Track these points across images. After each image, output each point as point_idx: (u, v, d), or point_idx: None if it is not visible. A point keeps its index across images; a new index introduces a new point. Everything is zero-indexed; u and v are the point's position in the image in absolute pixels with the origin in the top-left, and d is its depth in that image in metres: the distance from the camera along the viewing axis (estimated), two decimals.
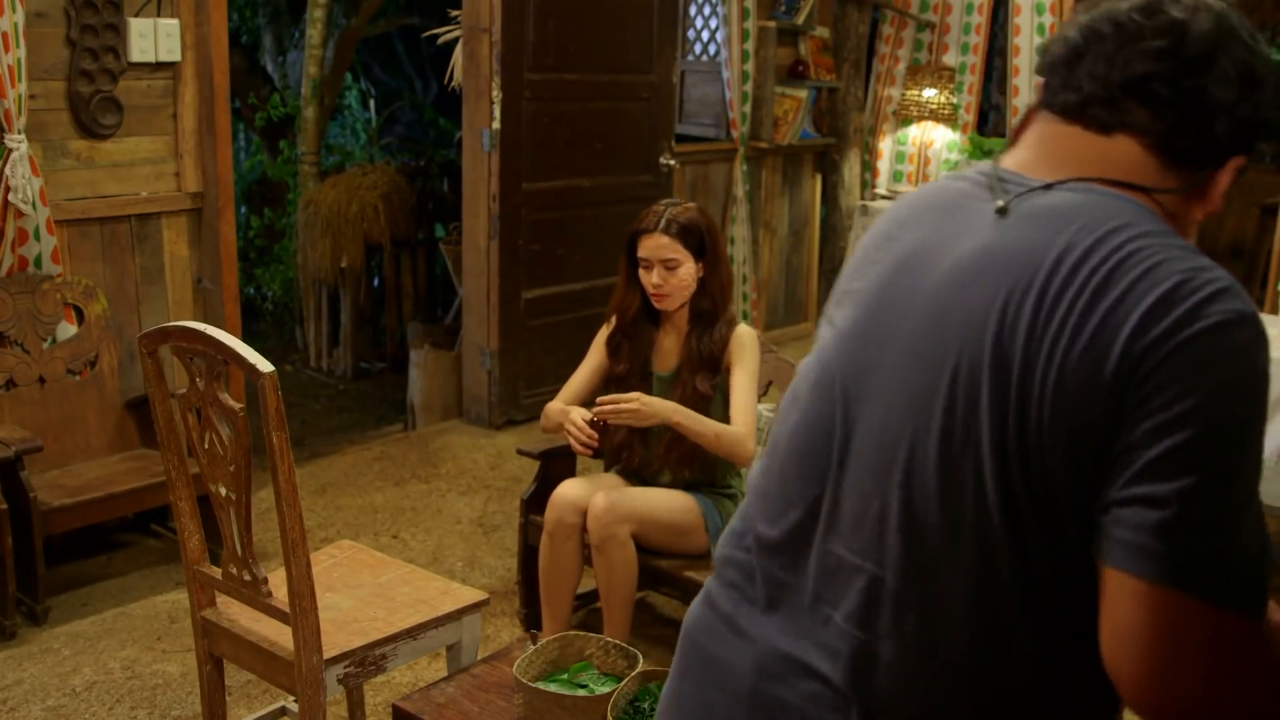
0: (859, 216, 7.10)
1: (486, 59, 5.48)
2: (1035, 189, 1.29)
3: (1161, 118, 1.27)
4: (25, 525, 3.74)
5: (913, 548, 1.27)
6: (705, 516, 3.46)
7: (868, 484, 1.31)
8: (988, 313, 1.23)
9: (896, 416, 1.29)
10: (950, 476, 1.24)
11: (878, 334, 1.35)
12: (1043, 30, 6.65)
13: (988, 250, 1.27)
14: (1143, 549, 1.13)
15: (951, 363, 1.24)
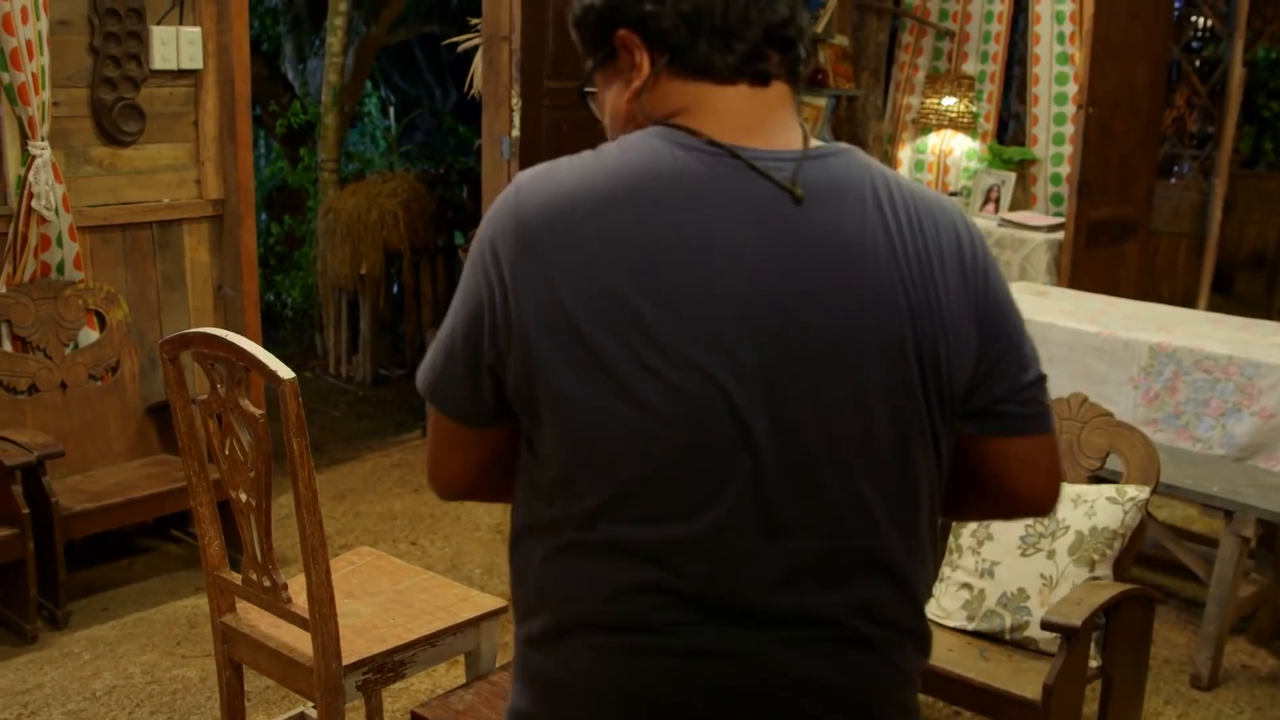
0: None
1: (506, 67, 5.49)
2: (795, 161, 1.33)
3: (794, 58, 1.38)
4: (47, 530, 3.76)
5: (882, 515, 1.34)
6: None
7: (815, 474, 1.31)
8: (876, 289, 1.30)
9: (826, 409, 1.30)
10: (903, 443, 1.34)
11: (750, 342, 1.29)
12: (1063, 39, 6.63)
13: (821, 236, 1.31)
14: (1046, 411, 1.46)
15: (870, 343, 1.30)
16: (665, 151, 1.32)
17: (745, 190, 1.30)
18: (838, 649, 1.34)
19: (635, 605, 1.31)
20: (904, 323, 1.31)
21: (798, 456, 1.29)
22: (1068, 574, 3.07)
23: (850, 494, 1.32)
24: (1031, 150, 6.87)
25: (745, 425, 1.27)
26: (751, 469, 1.28)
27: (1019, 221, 6.48)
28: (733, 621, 1.31)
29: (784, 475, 1.29)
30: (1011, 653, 3.09)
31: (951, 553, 3.29)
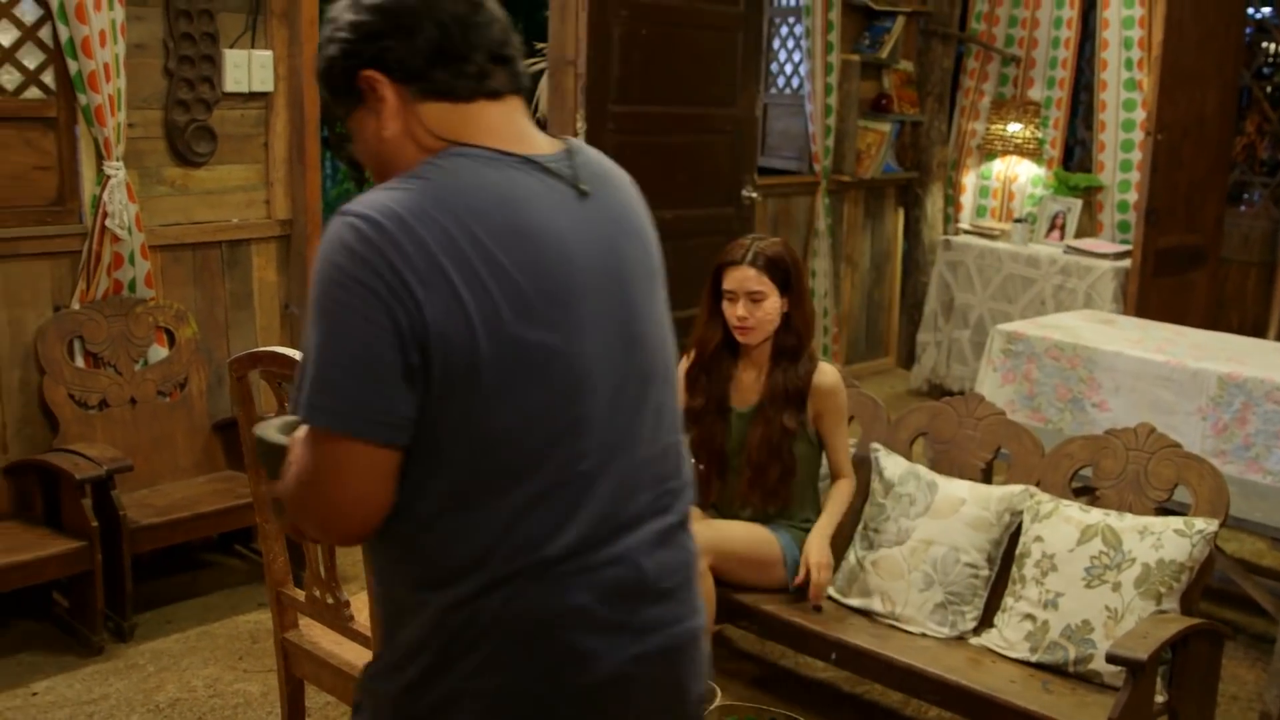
0: (942, 251, 7.05)
1: (572, 91, 5.52)
2: (566, 161, 1.61)
3: (515, 73, 1.61)
4: (115, 543, 3.82)
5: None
6: (784, 550, 3.44)
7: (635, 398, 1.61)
8: (651, 251, 1.74)
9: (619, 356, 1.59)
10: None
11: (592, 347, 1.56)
12: (1131, 65, 6.58)
13: (609, 219, 1.64)
14: None
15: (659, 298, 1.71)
16: (479, 166, 1.51)
17: (548, 188, 1.55)
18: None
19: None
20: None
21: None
22: (1133, 607, 3.03)
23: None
24: (1098, 177, 6.81)
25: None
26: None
27: (1085, 249, 6.42)
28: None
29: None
30: (1075, 686, 3.05)
31: (1014, 583, 3.26)
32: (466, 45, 1.55)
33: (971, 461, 3.58)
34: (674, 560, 1.66)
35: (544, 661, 1.52)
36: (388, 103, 1.54)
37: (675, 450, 1.69)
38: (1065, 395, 4.76)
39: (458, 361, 1.43)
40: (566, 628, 1.52)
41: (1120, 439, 3.37)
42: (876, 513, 3.51)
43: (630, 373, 1.59)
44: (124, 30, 4.01)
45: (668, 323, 1.71)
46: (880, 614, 3.39)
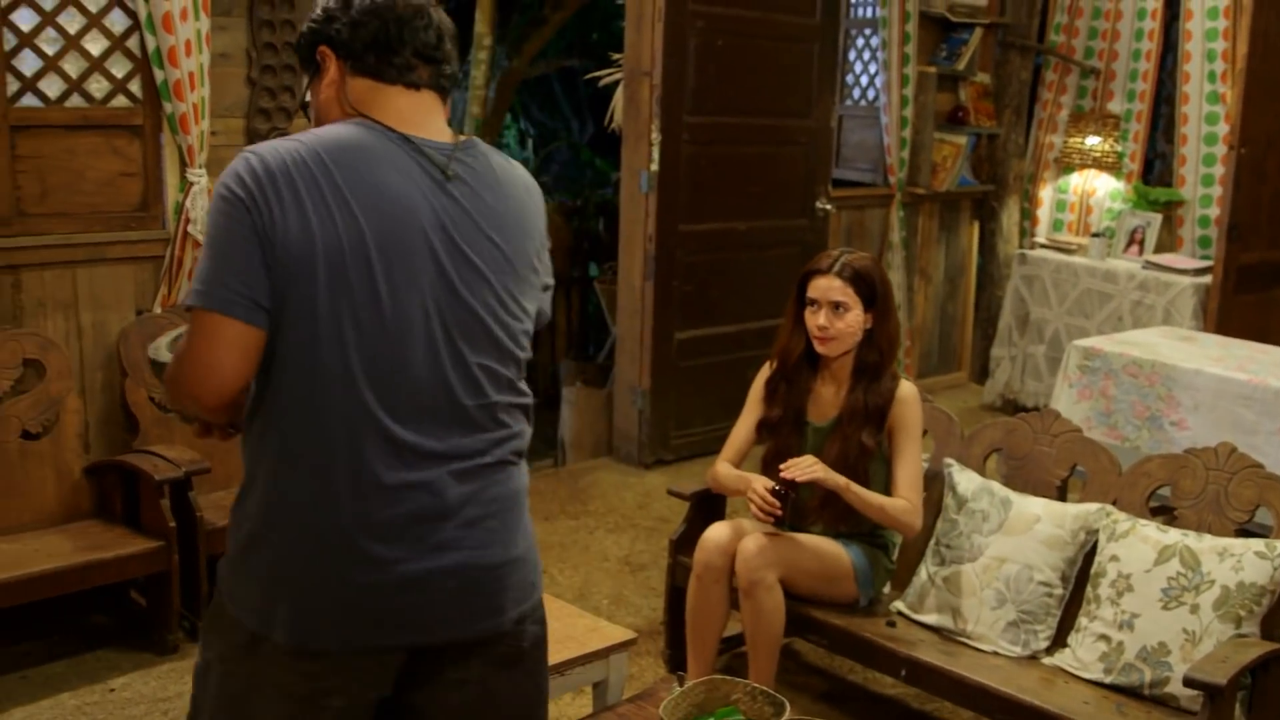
0: (1017, 265, 6.97)
1: (647, 102, 5.54)
2: (448, 152, 1.91)
3: (439, 74, 1.96)
4: (191, 543, 3.88)
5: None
6: (855, 565, 3.42)
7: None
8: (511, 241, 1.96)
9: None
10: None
11: (422, 291, 1.85)
12: (1214, 77, 6.47)
13: (463, 207, 1.89)
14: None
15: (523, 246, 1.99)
16: (364, 133, 1.86)
17: (415, 164, 1.87)
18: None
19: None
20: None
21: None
22: (1212, 630, 2.98)
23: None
24: (1178, 191, 6.71)
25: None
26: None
27: (1164, 264, 6.33)
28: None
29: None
30: (1150, 709, 3.00)
31: (1089, 603, 3.22)
32: (399, 41, 1.91)
33: (1046, 479, 3.54)
34: (483, 495, 1.91)
35: (338, 561, 1.82)
36: (329, 73, 1.94)
37: (504, 406, 1.94)
38: (1143, 413, 4.69)
39: (301, 269, 1.76)
40: (364, 536, 1.81)
41: (1200, 458, 3.31)
42: (949, 528, 3.48)
43: (452, 334, 1.87)
44: (208, 40, 4.09)
45: (521, 309, 1.98)
46: (951, 631, 3.36)
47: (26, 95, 3.91)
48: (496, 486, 1.94)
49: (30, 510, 3.90)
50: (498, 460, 1.94)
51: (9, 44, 3.85)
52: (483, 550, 1.91)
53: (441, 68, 1.97)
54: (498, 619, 1.94)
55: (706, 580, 3.38)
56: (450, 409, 1.88)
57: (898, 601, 3.52)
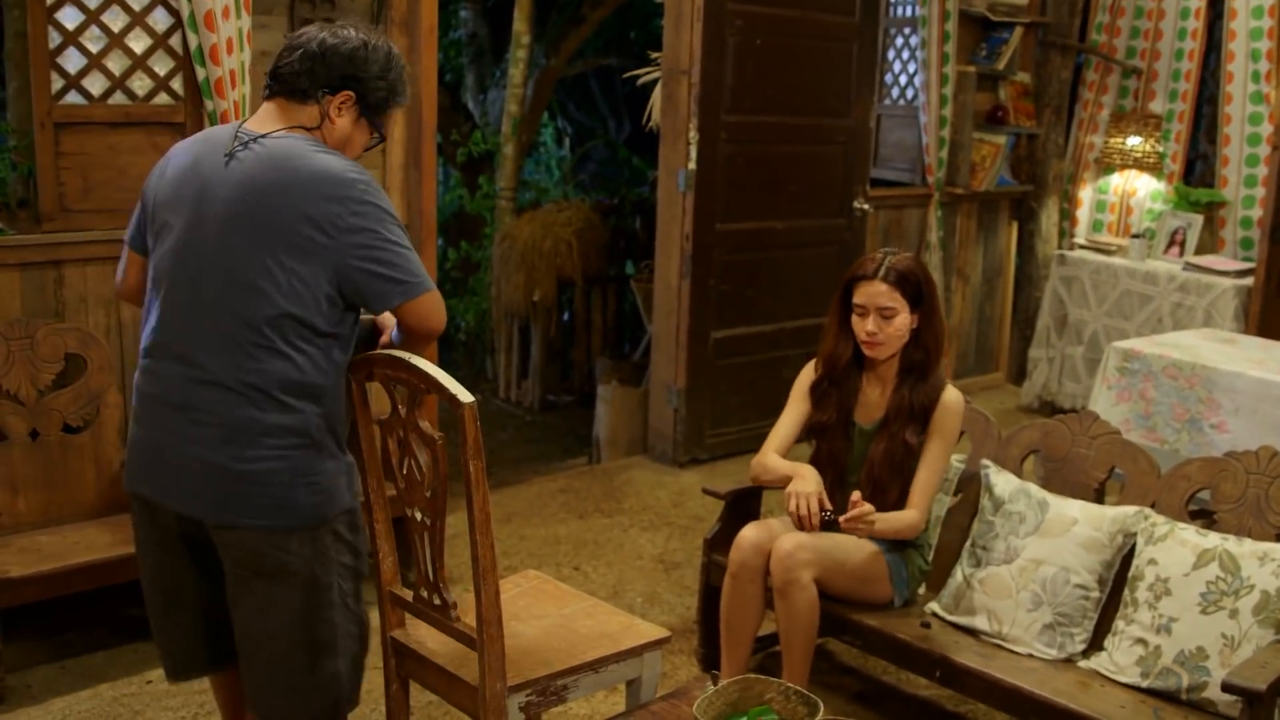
0: (1056, 266, 6.93)
1: (685, 100, 5.54)
2: (257, 138, 2.54)
3: (277, 87, 2.62)
4: None
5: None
6: (890, 566, 3.41)
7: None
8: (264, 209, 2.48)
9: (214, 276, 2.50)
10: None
11: (193, 243, 2.53)
12: (1257, 77, 6.41)
13: (228, 179, 2.52)
14: None
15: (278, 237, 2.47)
16: (218, 130, 2.68)
17: (221, 149, 2.55)
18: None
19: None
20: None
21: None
22: (1251, 635, 2.95)
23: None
24: (1220, 192, 6.64)
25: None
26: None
27: (1206, 266, 6.27)
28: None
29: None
30: (1187, 714, 2.98)
31: (1126, 606, 3.19)
32: (272, 71, 2.62)
33: (1084, 481, 3.52)
34: (190, 395, 2.51)
35: (139, 407, 2.66)
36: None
37: (226, 334, 2.48)
38: (1183, 415, 4.65)
39: (146, 217, 2.65)
40: (139, 389, 2.65)
41: (1241, 462, 3.28)
42: (985, 530, 3.46)
43: (193, 269, 2.51)
44: (249, 38, 4.11)
45: (250, 264, 2.46)
46: (986, 633, 3.34)
47: (70, 93, 3.95)
48: (197, 390, 2.50)
49: (70, 503, 3.94)
50: (205, 379, 2.49)
51: (54, 42, 3.89)
52: (184, 432, 2.55)
53: (279, 83, 2.62)
54: (206, 484, 2.52)
55: (742, 579, 3.37)
56: (196, 327, 2.55)
57: (933, 603, 3.50)
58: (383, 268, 2.48)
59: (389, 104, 2.70)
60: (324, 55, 2.57)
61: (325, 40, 2.58)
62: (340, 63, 2.58)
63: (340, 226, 2.45)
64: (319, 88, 2.58)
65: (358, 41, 2.60)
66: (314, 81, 2.57)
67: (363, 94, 2.61)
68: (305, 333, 2.47)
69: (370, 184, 2.51)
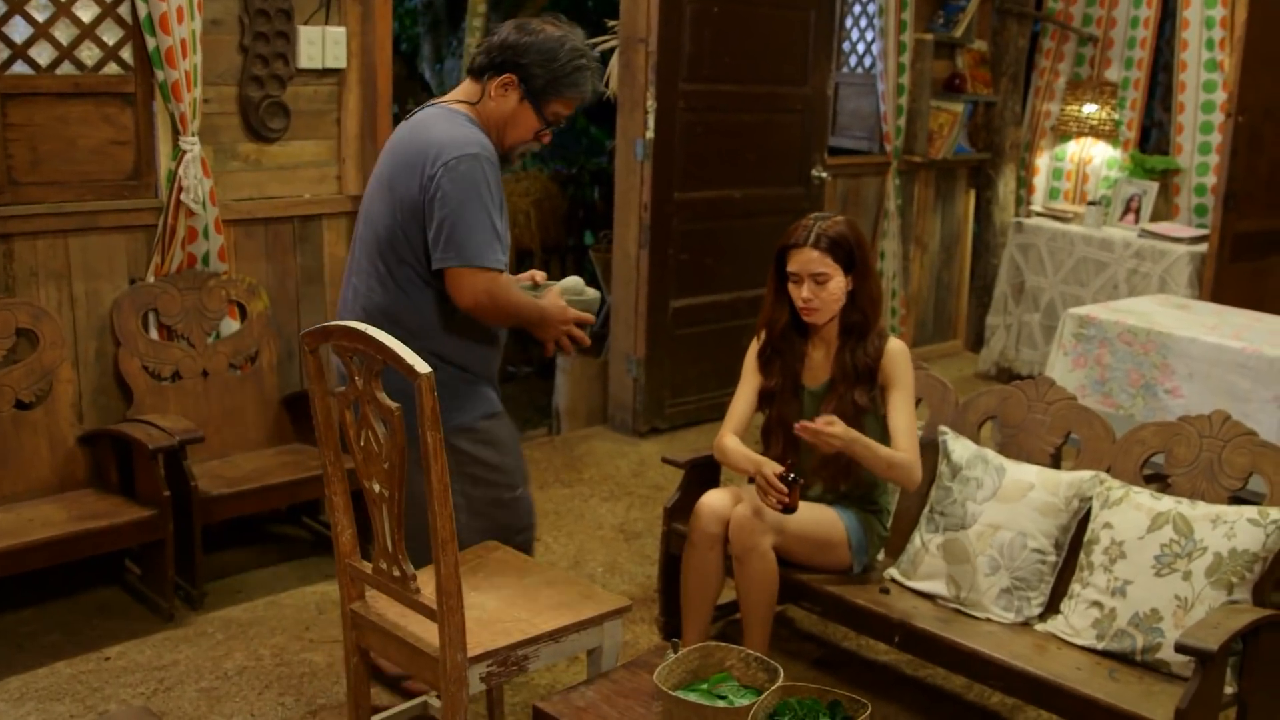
0: (1013, 233, 6.96)
1: (642, 69, 5.52)
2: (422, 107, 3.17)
3: (470, 67, 3.17)
4: (186, 512, 3.88)
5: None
6: (849, 532, 3.43)
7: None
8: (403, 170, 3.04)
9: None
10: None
11: (369, 188, 3.16)
12: (1212, 45, 6.44)
13: (395, 138, 3.14)
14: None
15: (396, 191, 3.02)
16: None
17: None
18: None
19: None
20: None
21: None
22: (1204, 596, 2.99)
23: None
24: (1175, 159, 6.69)
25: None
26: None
27: (1160, 233, 6.32)
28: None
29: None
30: (1142, 675, 3.01)
31: (1082, 569, 3.23)
32: (472, 56, 3.09)
33: (1041, 446, 3.54)
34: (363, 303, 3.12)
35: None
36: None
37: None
38: (1137, 381, 4.69)
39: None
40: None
41: (1194, 426, 3.31)
42: (943, 496, 3.48)
43: (363, 214, 3.15)
44: (200, 7, 4.05)
45: (376, 206, 3.09)
46: (945, 598, 3.37)
47: (17, 63, 3.88)
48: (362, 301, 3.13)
49: (24, 480, 3.90)
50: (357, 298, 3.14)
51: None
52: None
53: (472, 62, 3.12)
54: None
55: (701, 547, 3.38)
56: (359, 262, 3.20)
57: (891, 568, 3.53)
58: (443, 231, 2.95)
59: (550, 93, 3.03)
60: (501, 39, 2.99)
61: (516, 26, 3.02)
62: (509, 47, 2.99)
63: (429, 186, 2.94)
64: (487, 69, 3.02)
65: (536, 29, 2.99)
66: (485, 61, 3.02)
67: (524, 78, 3.00)
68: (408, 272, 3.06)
69: (463, 160, 2.93)
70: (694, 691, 2.57)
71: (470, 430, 3.13)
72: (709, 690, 2.58)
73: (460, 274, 2.98)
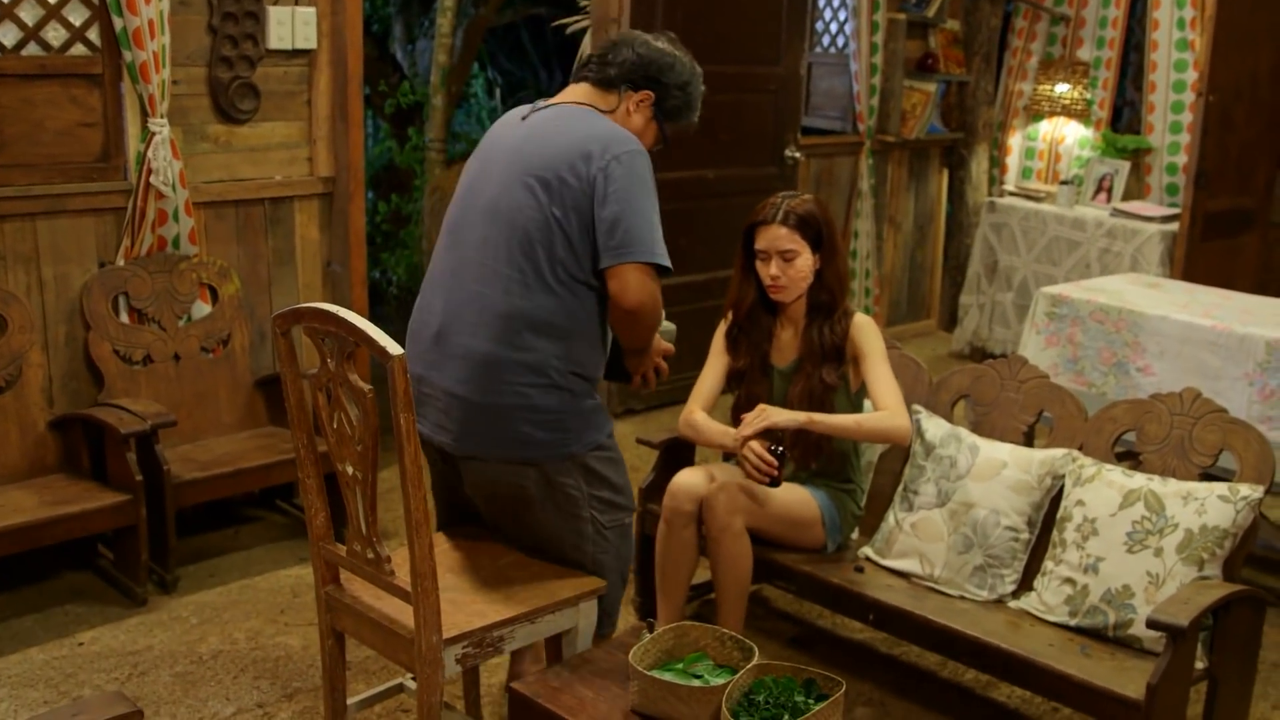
0: (986, 213, 6.98)
1: None
2: (540, 108, 2.95)
3: (586, 75, 2.99)
4: (158, 496, 3.86)
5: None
6: (823, 511, 3.44)
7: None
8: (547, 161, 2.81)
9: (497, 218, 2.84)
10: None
11: (474, 189, 2.90)
12: (1183, 24, 6.46)
13: (523, 134, 2.88)
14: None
15: (551, 184, 2.78)
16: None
17: (523, 114, 2.95)
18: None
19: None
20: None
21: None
22: (1175, 572, 3.01)
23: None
24: (1147, 139, 6.71)
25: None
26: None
27: (1132, 212, 6.35)
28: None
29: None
30: (1114, 650, 3.03)
31: (1055, 546, 3.24)
32: (589, 56, 3.01)
33: (1013, 425, 3.56)
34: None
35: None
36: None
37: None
38: (1109, 359, 4.71)
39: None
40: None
41: (1165, 404, 3.33)
42: (917, 474, 3.50)
43: (484, 226, 2.83)
44: None
45: (515, 203, 2.79)
46: (919, 576, 3.38)
47: None
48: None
49: None
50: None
51: None
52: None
53: (584, 70, 2.99)
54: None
55: (675, 526, 3.38)
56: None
57: (865, 547, 3.54)
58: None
59: (682, 115, 3.02)
60: (638, 54, 2.91)
61: (645, 42, 2.94)
62: (650, 65, 2.91)
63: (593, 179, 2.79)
64: (624, 81, 2.91)
65: (670, 52, 2.95)
66: (622, 74, 2.91)
67: (661, 98, 2.94)
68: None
69: (634, 155, 2.81)
70: (669, 671, 2.57)
71: (602, 448, 2.94)
72: (684, 670, 2.59)
73: (635, 271, 2.79)
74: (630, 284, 2.78)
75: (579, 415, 2.85)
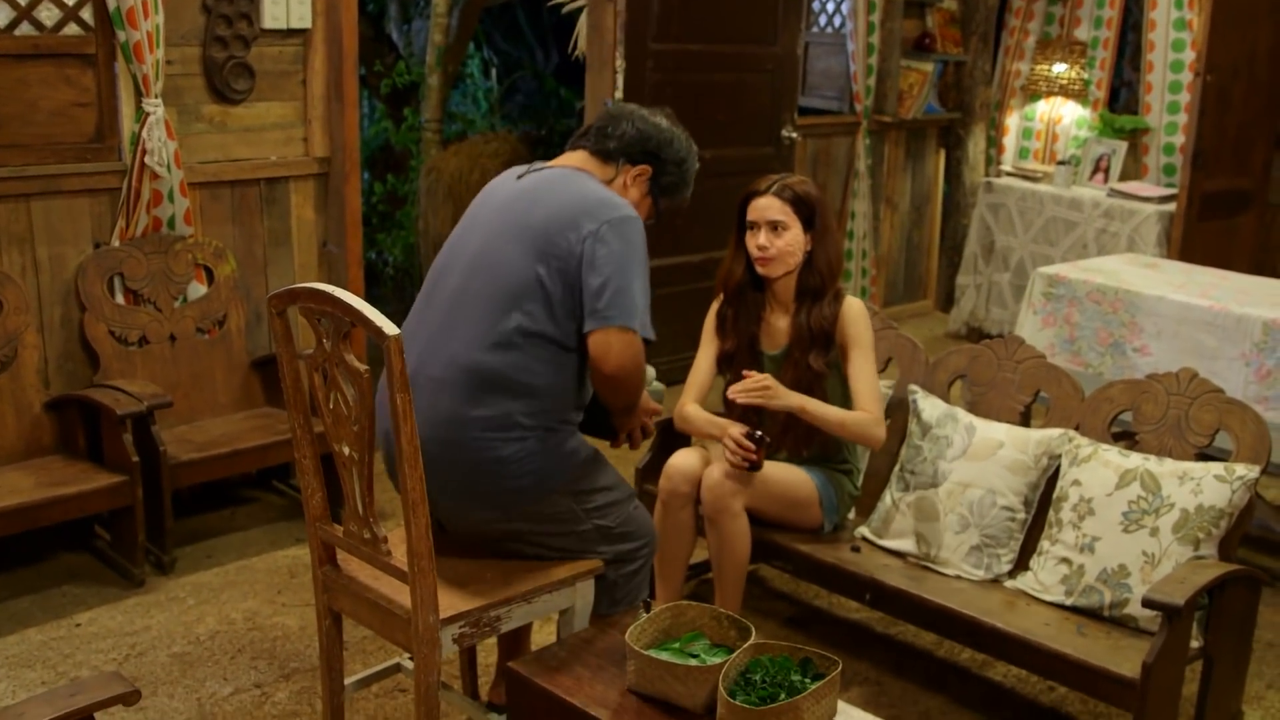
0: (983, 193, 6.97)
1: (611, 29, 5.47)
2: (533, 169, 2.91)
3: (585, 144, 2.97)
4: (155, 478, 3.86)
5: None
6: (820, 491, 3.44)
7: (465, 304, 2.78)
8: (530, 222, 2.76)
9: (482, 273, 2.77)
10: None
11: (461, 240, 2.87)
12: (1181, 4, 6.44)
13: (516, 192, 2.85)
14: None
15: (539, 243, 2.72)
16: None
17: (516, 175, 2.92)
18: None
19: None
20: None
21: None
22: (1171, 552, 3.02)
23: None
24: (1144, 119, 6.70)
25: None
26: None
27: (1129, 192, 6.34)
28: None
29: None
30: (1110, 630, 3.04)
31: (1051, 526, 3.25)
32: (588, 127, 3.00)
33: (1010, 405, 3.56)
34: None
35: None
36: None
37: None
38: (1106, 339, 4.71)
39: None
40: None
41: (1161, 384, 3.33)
42: (913, 454, 3.50)
43: (463, 277, 2.78)
44: None
45: (500, 258, 2.74)
46: (915, 556, 3.39)
47: None
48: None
49: None
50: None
51: None
52: (428, 411, 2.73)
53: (584, 140, 2.97)
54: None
55: (673, 507, 3.39)
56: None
57: (862, 527, 3.54)
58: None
59: (677, 191, 3.04)
60: (638, 129, 2.92)
61: (644, 117, 2.95)
62: (649, 139, 2.92)
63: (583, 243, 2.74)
64: (623, 154, 2.91)
65: (669, 128, 2.97)
66: (620, 147, 2.91)
67: (658, 173, 2.95)
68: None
69: (629, 221, 2.77)
70: (666, 650, 2.57)
71: (589, 492, 2.84)
72: (681, 649, 2.59)
73: (619, 335, 2.67)
74: (612, 349, 2.68)
75: (556, 455, 2.76)
